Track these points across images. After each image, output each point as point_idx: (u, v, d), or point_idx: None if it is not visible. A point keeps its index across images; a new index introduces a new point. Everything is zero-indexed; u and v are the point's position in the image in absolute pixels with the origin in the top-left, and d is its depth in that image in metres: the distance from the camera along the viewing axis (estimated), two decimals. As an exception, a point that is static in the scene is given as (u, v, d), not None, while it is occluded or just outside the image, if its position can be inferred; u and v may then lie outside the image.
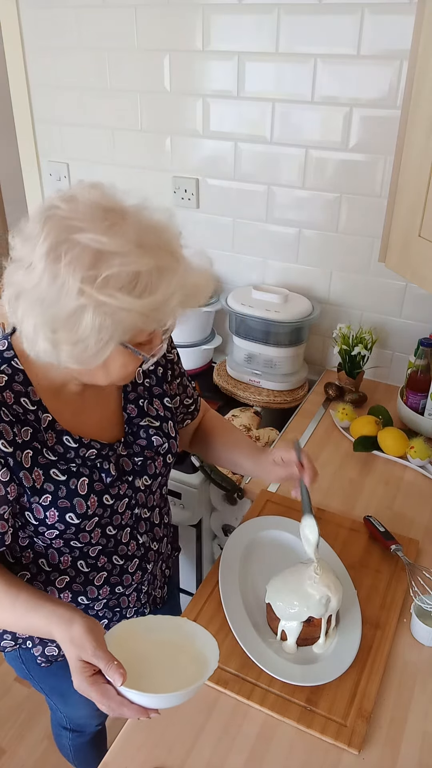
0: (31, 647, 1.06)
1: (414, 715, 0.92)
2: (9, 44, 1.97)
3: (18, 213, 3.11)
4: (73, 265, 0.69)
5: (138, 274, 0.70)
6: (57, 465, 0.87)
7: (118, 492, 0.94)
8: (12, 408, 0.83)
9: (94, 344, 0.72)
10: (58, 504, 0.87)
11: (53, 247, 0.70)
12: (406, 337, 1.76)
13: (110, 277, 0.69)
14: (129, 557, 1.01)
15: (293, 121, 1.64)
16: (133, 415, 0.99)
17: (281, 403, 1.76)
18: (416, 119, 1.13)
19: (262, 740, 0.89)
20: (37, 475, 0.85)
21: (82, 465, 0.90)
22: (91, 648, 0.75)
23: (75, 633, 0.77)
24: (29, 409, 0.85)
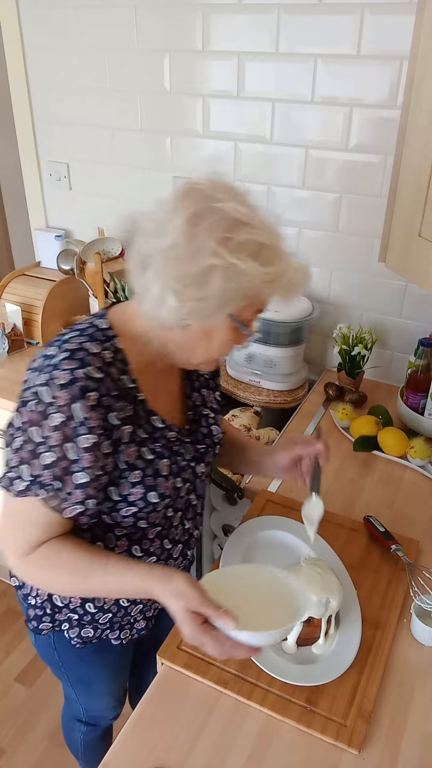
0: (67, 629, 1.06)
1: (414, 715, 0.92)
2: (9, 44, 1.97)
3: (18, 213, 3.12)
4: (211, 228, 0.77)
5: (263, 246, 0.78)
6: (147, 444, 0.90)
7: (185, 476, 0.97)
8: (117, 383, 0.86)
9: (216, 303, 0.79)
10: (145, 482, 0.89)
11: (194, 213, 0.78)
12: (406, 337, 1.76)
13: (242, 243, 0.77)
14: (176, 542, 1.05)
15: (293, 121, 1.64)
16: (197, 404, 1.04)
17: (281, 403, 1.76)
18: (416, 119, 1.13)
19: (262, 740, 0.89)
20: (132, 451, 0.88)
21: (164, 447, 0.93)
22: (197, 598, 0.80)
23: (178, 586, 0.81)
24: (128, 386, 0.88)
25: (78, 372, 0.81)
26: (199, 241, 0.77)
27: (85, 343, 0.84)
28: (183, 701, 0.93)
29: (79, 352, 0.83)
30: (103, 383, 0.83)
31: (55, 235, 2.13)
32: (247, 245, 0.77)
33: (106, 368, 0.84)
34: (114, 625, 1.07)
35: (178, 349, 0.89)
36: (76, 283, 2.01)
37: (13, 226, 3.07)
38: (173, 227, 0.78)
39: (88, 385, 0.81)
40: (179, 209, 0.79)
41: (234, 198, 0.80)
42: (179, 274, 0.78)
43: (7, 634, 2.10)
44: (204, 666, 0.96)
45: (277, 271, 0.79)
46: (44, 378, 0.82)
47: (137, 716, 0.91)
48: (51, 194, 2.17)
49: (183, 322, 0.81)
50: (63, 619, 1.06)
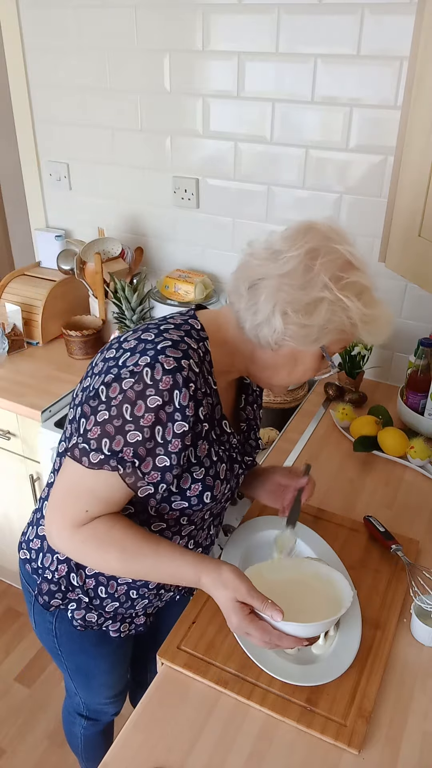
0: (73, 609, 1.07)
1: (414, 715, 0.92)
2: (9, 44, 1.97)
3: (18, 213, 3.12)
4: (327, 265, 0.84)
5: (366, 288, 0.88)
6: (214, 445, 0.94)
7: (231, 485, 1.00)
8: (206, 381, 0.90)
9: (317, 331, 0.86)
10: (205, 481, 0.92)
11: (313, 248, 0.85)
12: (406, 337, 1.76)
13: (351, 283, 0.85)
14: (199, 545, 1.07)
15: (293, 121, 1.64)
16: (250, 417, 1.09)
17: (281, 403, 1.76)
18: (416, 119, 1.13)
19: (262, 740, 0.89)
20: (203, 448, 0.91)
21: (226, 452, 0.97)
22: (245, 589, 0.84)
23: (226, 577, 0.85)
24: (213, 387, 0.92)
25: (184, 362, 0.84)
26: (314, 274, 0.84)
27: (185, 338, 0.88)
28: (183, 701, 0.93)
29: (182, 344, 0.86)
30: (199, 378, 0.87)
31: (55, 235, 2.13)
32: (355, 286, 0.85)
33: (201, 365, 0.88)
34: (117, 615, 1.09)
35: (263, 368, 0.94)
36: (76, 283, 2.01)
37: (13, 226, 3.07)
38: (292, 257, 0.85)
39: (190, 376, 0.84)
40: (300, 242, 0.86)
41: (347, 242, 0.88)
42: (291, 299, 0.84)
43: (6, 634, 2.10)
44: (204, 666, 0.96)
45: (375, 314, 0.88)
46: (147, 359, 0.83)
47: (137, 716, 0.91)
48: (51, 194, 2.17)
49: (279, 344, 0.88)
50: (73, 598, 1.06)
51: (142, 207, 2.00)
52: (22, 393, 1.70)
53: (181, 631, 1.01)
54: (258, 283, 0.87)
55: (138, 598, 1.07)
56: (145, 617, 1.13)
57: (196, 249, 1.97)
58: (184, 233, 1.96)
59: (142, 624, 1.13)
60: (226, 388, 1.01)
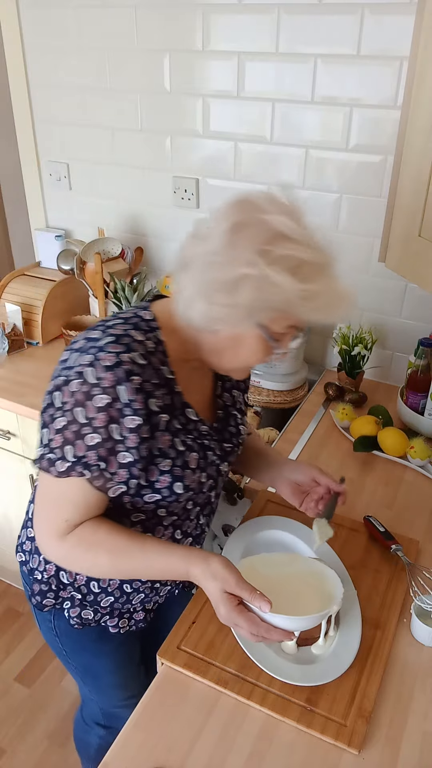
0: (68, 607, 1.07)
1: (414, 715, 0.92)
2: (9, 44, 1.97)
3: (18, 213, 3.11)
4: (252, 238, 0.78)
5: (303, 262, 0.78)
6: (180, 435, 0.92)
7: (210, 473, 0.99)
8: (158, 372, 0.88)
9: (244, 311, 0.80)
10: (173, 471, 0.91)
11: (238, 222, 0.79)
12: (406, 337, 1.76)
13: (282, 257, 0.77)
14: (187, 535, 1.06)
15: (293, 121, 1.64)
16: (228, 404, 1.06)
17: (281, 403, 1.76)
18: (416, 119, 1.13)
19: (262, 740, 0.89)
20: (166, 439, 0.89)
21: (196, 440, 0.95)
22: (234, 580, 0.83)
23: (215, 568, 0.85)
24: (168, 377, 0.90)
25: (123, 356, 0.83)
26: (237, 250, 0.78)
27: (130, 330, 0.87)
28: (183, 701, 0.93)
29: (125, 338, 0.85)
30: (146, 370, 0.85)
31: (55, 235, 2.13)
32: (286, 259, 0.78)
33: (148, 356, 0.87)
34: (114, 611, 1.08)
35: (209, 352, 0.91)
36: (76, 283, 2.01)
37: (13, 226, 3.07)
38: (217, 233, 0.80)
39: (132, 369, 0.83)
40: (227, 216, 0.81)
41: (285, 212, 0.80)
42: (212, 279, 0.80)
43: (6, 634, 2.10)
44: (204, 666, 0.96)
45: (315, 289, 0.79)
46: (89, 359, 0.83)
47: (137, 716, 0.91)
48: (51, 194, 2.17)
49: (211, 327, 0.84)
50: (66, 596, 1.06)
51: (142, 207, 2.00)
52: (22, 393, 1.70)
53: (181, 631, 1.01)
54: (188, 264, 0.84)
55: (133, 592, 1.06)
56: (144, 612, 1.12)
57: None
58: (184, 233, 1.94)
59: (142, 620, 1.13)
60: (195, 375, 0.98)
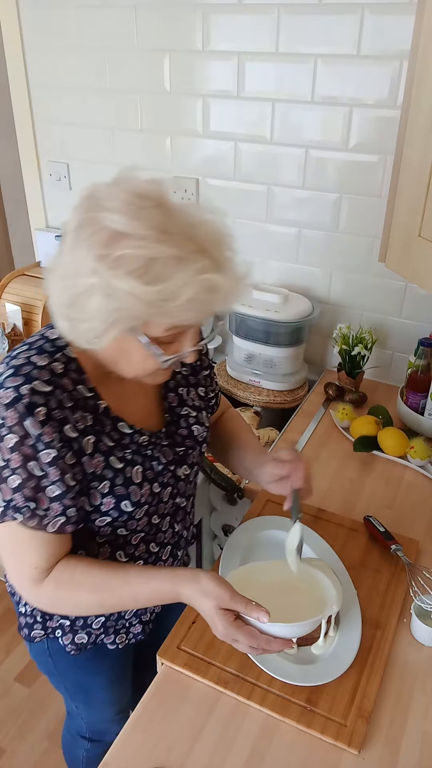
0: (60, 636, 1.04)
1: (414, 715, 0.92)
2: (9, 44, 1.97)
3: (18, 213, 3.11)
4: (91, 243, 0.71)
5: (151, 260, 0.69)
6: (114, 452, 0.88)
7: (164, 481, 0.95)
8: (72, 394, 0.83)
9: (100, 325, 0.73)
10: (115, 491, 0.87)
11: (80, 224, 0.72)
12: (406, 337, 1.76)
13: (121, 258, 0.69)
14: (164, 544, 1.03)
15: (293, 121, 1.64)
16: (174, 405, 1.01)
17: (281, 403, 1.76)
18: (416, 119, 1.13)
19: (262, 740, 0.89)
20: (98, 461, 0.85)
21: (136, 453, 0.90)
22: (228, 594, 0.81)
23: (206, 586, 0.82)
24: (86, 395, 0.86)
25: (23, 388, 0.78)
26: (80, 257, 0.71)
27: (32, 357, 0.82)
28: (183, 701, 0.93)
29: (25, 367, 0.80)
30: (53, 396, 0.80)
31: (55, 235, 2.13)
32: (129, 260, 0.69)
33: (56, 380, 0.82)
34: (108, 629, 1.06)
35: (108, 362, 0.85)
36: (76, 283, 2.01)
37: (13, 226, 3.07)
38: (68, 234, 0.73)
39: (34, 401, 0.78)
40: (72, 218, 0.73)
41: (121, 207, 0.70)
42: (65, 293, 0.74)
43: (7, 634, 2.10)
44: (204, 666, 0.96)
45: (170, 289, 0.70)
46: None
47: (137, 716, 0.91)
48: (51, 194, 2.17)
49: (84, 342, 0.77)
50: (55, 626, 1.03)
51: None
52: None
53: (181, 631, 1.01)
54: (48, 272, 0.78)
55: None
56: (142, 625, 1.09)
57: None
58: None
59: (140, 632, 1.09)
60: (129, 384, 0.91)
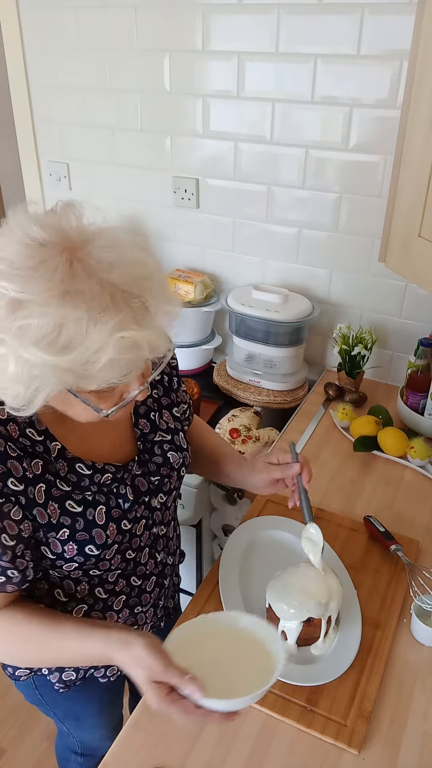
0: (47, 674, 1.01)
1: (414, 715, 0.92)
2: (9, 44, 1.97)
3: (18, 213, 3.02)
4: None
5: (58, 326, 0.62)
6: (72, 496, 0.82)
7: (135, 515, 0.90)
8: (18, 441, 0.78)
9: (24, 392, 0.67)
10: (76, 537, 0.82)
11: None
12: (406, 337, 1.76)
13: (26, 328, 0.62)
14: (147, 576, 0.99)
15: (293, 121, 1.64)
16: (146, 431, 0.94)
17: (281, 403, 1.76)
18: (416, 119, 1.13)
19: (262, 740, 0.89)
20: (52, 509, 0.80)
21: (98, 492, 0.85)
22: (160, 666, 0.73)
23: (138, 654, 0.74)
24: (36, 440, 0.80)
25: None
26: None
27: None
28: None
29: None
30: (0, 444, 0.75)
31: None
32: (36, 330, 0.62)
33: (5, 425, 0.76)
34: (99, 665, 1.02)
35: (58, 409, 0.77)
36: (76, 283, 2.00)
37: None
38: None
39: None
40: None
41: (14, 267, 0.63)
42: None
43: (7, 634, 2.10)
44: (204, 666, 0.96)
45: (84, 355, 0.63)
46: None
47: (137, 716, 0.91)
48: (51, 194, 2.17)
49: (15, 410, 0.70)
50: None
51: (142, 207, 2.00)
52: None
53: (181, 631, 1.01)
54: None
55: None
56: None
57: (196, 249, 1.97)
58: (184, 233, 1.96)
59: None
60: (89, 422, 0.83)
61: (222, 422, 1.66)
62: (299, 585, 0.97)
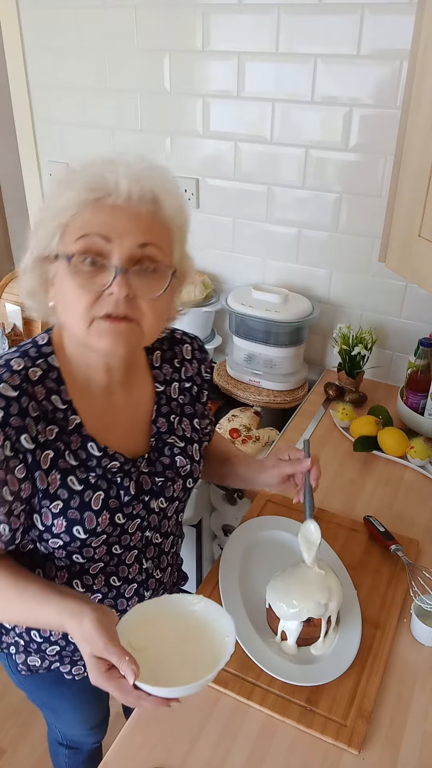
0: (14, 653, 1.02)
1: (414, 715, 0.92)
2: (9, 44, 1.97)
3: (18, 213, 3.11)
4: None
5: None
6: (76, 472, 0.83)
7: (132, 512, 0.90)
8: (41, 404, 0.81)
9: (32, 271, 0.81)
10: (67, 514, 0.83)
11: None
12: (406, 337, 1.76)
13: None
14: (128, 581, 0.97)
15: (293, 121, 1.64)
16: (162, 430, 0.95)
17: (281, 403, 1.76)
18: (416, 119, 1.13)
19: (262, 740, 0.89)
20: (53, 478, 0.82)
21: (101, 477, 0.86)
22: (102, 643, 0.73)
23: (85, 628, 0.74)
24: (59, 407, 0.83)
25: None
26: None
27: (11, 360, 0.82)
28: (183, 701, 0.92)
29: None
30: (17, 402, 0.79)
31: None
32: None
33: (27, 386, 0.81)
34: (64, 658, 1.01)
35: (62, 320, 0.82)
36: (76, 283, 2.00)
37: (13, 225, 3.07)
38: None
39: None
40: None
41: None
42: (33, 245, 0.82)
43: (7, 634, 2.10)
44: (204, 666, 0.96)
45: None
46: None
47: (137, 716, 0.91)
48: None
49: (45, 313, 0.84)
50: (10, 642, 1.01)
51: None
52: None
53: (181, 631, 1.01)
54: None
55: None
56: None
57: (196, 249, 1.96)
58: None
59: None
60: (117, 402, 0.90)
61: (222, 422, 1.66)
62: (299, 585, 0.97)
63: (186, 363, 1.01)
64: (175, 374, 0.99)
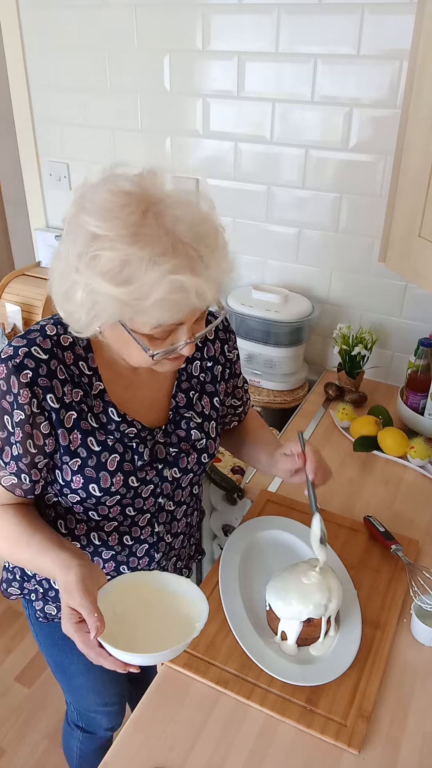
0: (34, 599, 1.07)
1: (414, 715, 0.92)
2: (9, 44, 1.97)
3: (18, 213, 3.12)
4: (73, 243, 0.75)
5: (124, 262, 0.72)
6: (95, 434, 0.89)
7: (146, 477, 0.95)
8: (69, 368, 0.87)
9: (85, 317, 0.79)
10: (84, 472, 0.89)
11: (69, 221, 0.77)
12: (406, 337, 1.76)
13: (96, 259, 0.73)
14: (140, 541, 1.02)
15: (293, 121, 1.64)
16: (180, 404, 1.01)
17: (281, 403, 1.76)
18: (416, 119, 1.13)
19: (262, 740, 0.89)
20: (74, 437, 0.88)
21: (119, 441, 0.91)
22: (78, 596, 0.78)
23: (69, 580, 0.79)
24: (85, 373, 0.89)
25: (21, 350, 0.84)
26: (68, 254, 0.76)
27: (47, 326, 0.88)
28: (183, 701, 0.93)
29: (33, 333, 0.87)
30: (46, 364, 0.85)
31: (55, 235, 2.13)
32: (105, 262, 0.72)
33: (58, 350, 0.86)
34: None
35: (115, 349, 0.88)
36: (76, 283, 2.01)
37: (13, 226, 3.07)
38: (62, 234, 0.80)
39: (25, 363, 0.83)
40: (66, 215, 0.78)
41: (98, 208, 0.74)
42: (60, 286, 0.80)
43: (6, 634, 2.10)
44: (204, 666, 0.96)
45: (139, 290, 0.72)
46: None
47: (137, 716, 0.91)
48: (51, 194, 2.17)
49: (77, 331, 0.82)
50: (31, 588, 1.07)
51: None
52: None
53: (181, 631, 1.01)
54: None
55: None
56: None
57: (196, 249, 1.97)
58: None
59: None
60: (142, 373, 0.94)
61: (222, 422, 1.66)
62: (299, 585, 0.97)
63: (209, 343, 1.04)
64: (197, 353, 1.02)
